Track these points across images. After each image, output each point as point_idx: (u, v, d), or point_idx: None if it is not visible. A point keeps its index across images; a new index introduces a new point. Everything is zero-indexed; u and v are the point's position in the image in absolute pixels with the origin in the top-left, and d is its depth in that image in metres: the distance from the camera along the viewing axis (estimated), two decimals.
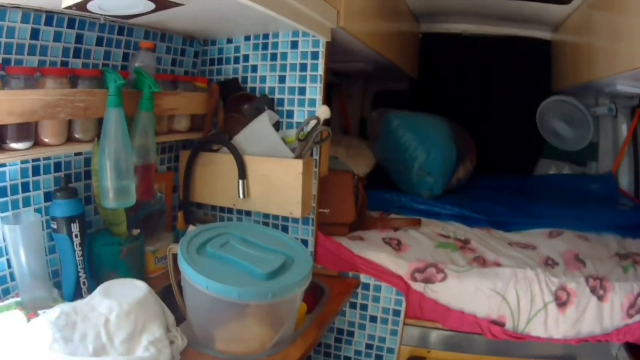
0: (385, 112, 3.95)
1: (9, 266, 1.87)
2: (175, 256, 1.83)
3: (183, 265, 1.67)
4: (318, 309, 2.14)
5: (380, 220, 3.13)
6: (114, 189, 1.89)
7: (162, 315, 1.69)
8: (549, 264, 2.63)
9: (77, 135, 1.89)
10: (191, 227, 2.20)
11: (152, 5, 1.81)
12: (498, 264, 2.58)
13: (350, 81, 4.84)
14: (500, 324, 2.40)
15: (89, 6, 1.74)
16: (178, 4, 1.82)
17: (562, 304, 2.36)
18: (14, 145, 1.67)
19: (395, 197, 3.64)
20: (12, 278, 1.87)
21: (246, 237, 1.84)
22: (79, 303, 1.57)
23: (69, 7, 1.70)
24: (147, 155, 2.10)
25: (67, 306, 1.53)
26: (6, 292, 1.88)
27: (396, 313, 2.52)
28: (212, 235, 1.84)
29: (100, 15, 1.96)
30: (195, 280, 1.62)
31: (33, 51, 1.86)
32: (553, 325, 2.37)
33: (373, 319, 2.59)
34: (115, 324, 1.52)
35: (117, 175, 1.88)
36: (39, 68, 1.79)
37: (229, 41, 2.63)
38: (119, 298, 1.59)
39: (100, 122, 1.90)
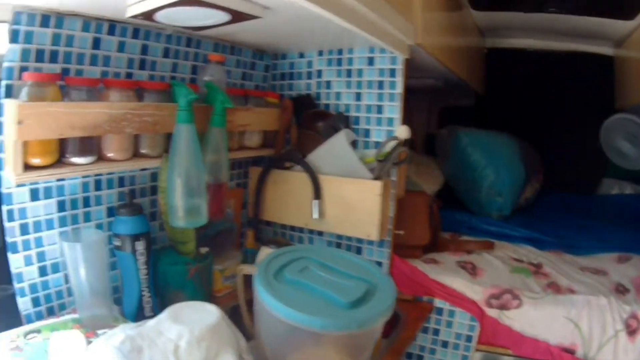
0: (455, 130, 3.82)
1: (67, 281, 1.77)
2: (245, 277, 1.78)
3: (261, 292, 1.50)
4: (394, 335, 2.03)
5: (453, 243, 2.97)
6: (184, 207, 1.74)
7: (235, 341, 1.51)
8: (619, 290, 2.47)
9: (143, 151, 1.76)
10: (265, 249, 2.03)
11: (227, 17, 1.67)
12: (572, 291, 2.45)
13: (416, 96, 4.65)
14: (571, 352, 2.26)
15: (157, 16, 1.64)
16: (255, 17, 1.67)
17: (632, 332, 2.20)
18: (75, 159, 1.55)
19: (466, 217, 3.52)
20: (70, 293, 1.77)
21: (325, 262, 1.68)
22: (144, 327, 1.41)
23: (135, 17, 1.61)
24: (219, 173, 1.95)
25: (131, 330, 1.37)
26: (62, 308, 1.78)
27: (468, 339, 2.38)
28: (290, 260, 1.68)
29: (168, 26, 1.85)
30: (275, 308, 1.45)
31: (95, 61, 1.75)
32: (622, 354, 2.21)
33: (444, 344, 2.45)
34: (186, 351, 1.35)
35: (188, 194, 1.73)
36: (102, 79, 1.68)
37: (301, 55, 2.48)
38: (190, 323, 1.42)
39: (168, 137, 1.76)
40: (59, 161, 1.53)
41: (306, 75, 2.47)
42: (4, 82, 1.53)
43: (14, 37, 1.52)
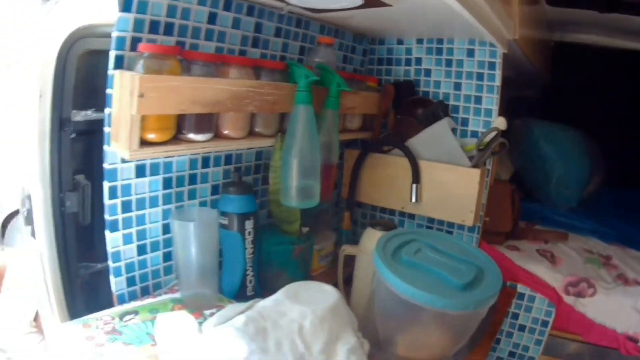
0: (528, 122, 3.74)
1: (164, 260, 1.68)
2: (346, 257, 1.79)
3: (383, 271, 1.43)
4: (487, 319, 1.86)
5: (531, 231, 2.93)
6: (298, 188, 1.64)
7: (352, 321, 1.44)
8: None
9: (258, 129, 1.63)
10: (371, 231, 1.88)
11: (360, 2, 1.55)
12: (639, 283, 2.45)
13: None
14: (634, 341, 2.27)
15: None
16: (386, 5, 1.57)
17: None
18: (192, 136, 1.41)
19: (538, 207, 3.45)
20: (166, 272, 1.70)
21: (436, 245, 1.59)
22: (262, 307, 1.33)
23: None
24: (330, 154, 1.85)
25: (251, 311, 1.29)
26: (156, 287, 1.68)
27: (544, 324, 2.37)
28: (404, 241, 1.60)
29: (286, 5, 1.73)
30: (398, 287, 1.38)
31: (210, 37, 1.61)
32: None
33: (521, 328, 2.43)
34: (310, 331, 1.28)
35: (302, 174, 1.63)
36: (223, 55, 1.56)
37: (399, 42, 2.35)
38: (311, 303, 1.36)
39: (281, 116, 1.68)
40: (175, 137, 1.39)
41: (404, 62, 2.35)
42: (113, 52, 1.37)
43: (126, 5, 1.37)
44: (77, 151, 1.83)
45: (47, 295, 1.84)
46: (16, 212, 2.26)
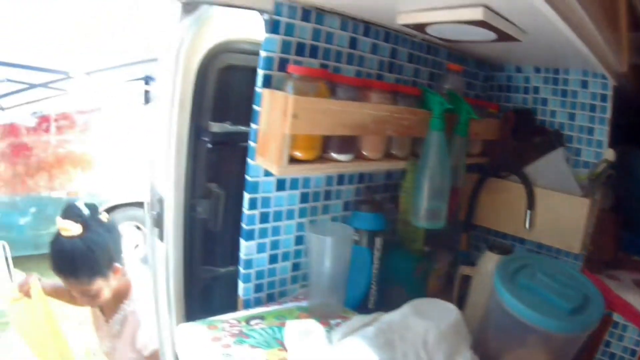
0: (633, 150, 3.55)
1: (293, 269, 1.76)
2: (464, 277, 1.86)
3: (502, 291, 1.48)
4: (583, 345, 1.88)
5: (630, 262, 2.81)
6: (427, 209, 1.69)
7: (468, 338, 1.49)
8: None
9: (393, 151, 1.68)
10: (489, 254, 1.92)
11: (493, 37, 1.58)
12: None
13: None
14: None
15: (429, 29, 1.59)
16: (515, 40, 1.58)
17: None
18: (336, 156, 1.48)
19: (634, 237, 3.20)
20: (293, 281, 1.77)
21: (548, 271, 1.61)
22: (389, 320, 1.40)
23: (405, 26, 1.56)
24: (457, 178, 1.89)
25: (379, 324, 1.36)
26: (282, 295, 1.75)
27: (633, 353, 2.27)
28: (520, 265, 1.64)
29: (418, 32, 1.76)
30: (513, 308, 1.43)
31: (351, 61, 1.68)
32: None
33: (612, 356, 2.32)
34: (433, 346, 1.33)
35: (432, 197, 1.68)
36: (367, 80, 1.64)
37: (518, 70, 2.37)
38: (435, 319, 1.41)
39: (413, 139, 1.72)
40: (321, 156, 1.46)
41: (523, 90, 2.37)
42: (261, 72, 1.45)
43: (274, 27, 1.44)
44: (212, 160, 1.92)
45: (167, 296, 1.93)
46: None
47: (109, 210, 8.02)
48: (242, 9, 1.48)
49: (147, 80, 4.72)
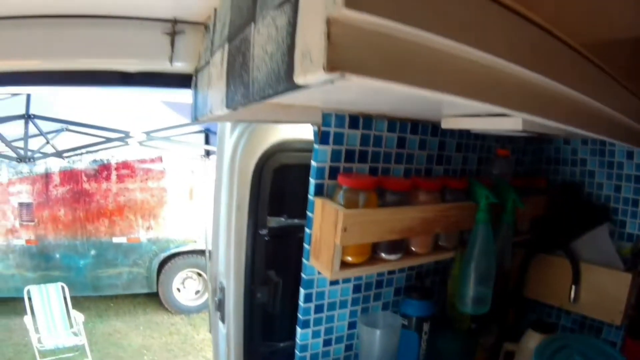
0: None
1: (345, 350, 1.80)
2: (508, 354, 1.89)
3: None
4: None
5: None
6: (473, 296, 1.72)
7: None
8: None
9: (441, 244, 1.73)
10: (532, 333, 1.97)
11: (535, 134, 1.58)
12: None
13: None
14: None
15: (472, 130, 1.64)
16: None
17: None
18: (385, 256, 1.53)
19: None
20: None
21: (586, 352, 1.70)
22: None
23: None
24: (503, 260, 1.91)
25: None
26: None
27: None
28: (559, 346, 1.72)
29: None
30: None
31: (399, 160, 1.73)
32: None
33: None
34: None
35: (478, 284, 1.71)
36: (414, 180, 1.63)
37: (566, 142, 2.37)
38: None
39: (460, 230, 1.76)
40: (371, 258, 1.50)
41: (570, 162, 2.36)
42: (313, 181, 1.51)
43: (324, 138, 1.50)
44: (270, 251, 2.00)
45: None
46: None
47: (171, 257, 8.35)
48: (292, 123, 1.55)
49: (207, 132, 4.84)
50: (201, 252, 7.89)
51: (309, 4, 0.70)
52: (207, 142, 5.07)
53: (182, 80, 1.66)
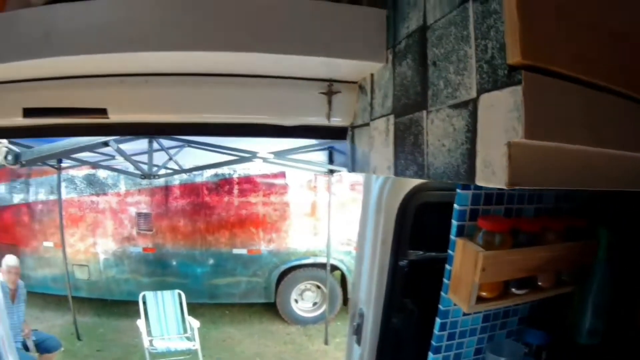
0: None
1: None
2: None
3: None
4: None
5: None
6: (588, 329, 1.81)
7: None
8: None
9: (563, 278, 1.82)
10: None
11: None
12: None
13: None
14: None
15: None
16: None
17: None
18: (516, 291, 1.67)
19: None
20: None
21: None
22: None
23: None
24: (618, 296, 1.90)
25: None
26: None
27: None
28: None
29: None
30: None
31: (531, 200, 1.82)
32: None
33: None
34: None
35: (594, 317, 1.80)
36: (544, 220, 1.75)
37: None
38: None
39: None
40: (502, 293, 1.66)
41: None
42: (455, 223, 1.67)
43: (467, 185, 1.63)
44: (408, 281, 2.16)
45: None
46: None
47: (291, 269, 8.56)
48: None
49: (331, 149, 4.97)
50: (321, 265, 8.04)
51: (489, 123, 0.88)
52: (330, 159, 5.16)
53: (337, 133, 1.83)
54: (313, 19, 1.43)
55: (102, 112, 1.72)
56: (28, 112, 1.77)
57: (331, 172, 5.85)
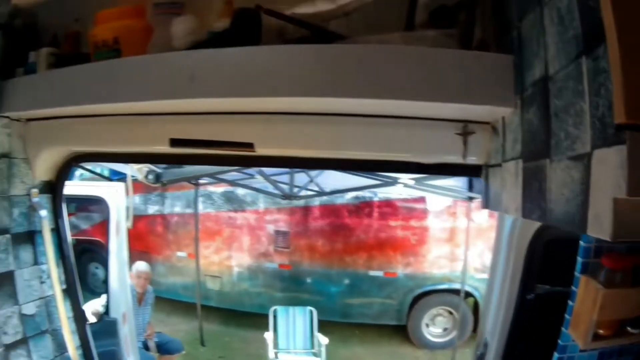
0: None
1: None
2: None
3: None
4: None
5: None
6: None
7: None
8: None
9: None
10: None
11: None
12: None
13: None
14: None
15: None
16: None
17: None
18: (631, 330, 1.69)
19: None
20: None
21: None
22: None
23: None
24: None
25: None
26: None
27: None
28: None
29: None
30: None
31: None
32: None
33: None
34: None
35: None
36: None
37: None
38: None
39: None
40: (618, 331, 1.70)
41: None
42: (580, 259, 1.73)
43: None
44: (533, 314, 2.23)
45: None
46: None
47: (425, 294, 8.55)
48: None
49: (471, 180, 5.01)
50: (455, 292, 7.83)
51: (600, 177, 0.97)
52: (470, 186, 5.17)
53: (472, 171, 1.90)
54: (448, 67, 1.52)
55: (249, 145, 1.87)
56: (175, 142, 1.96)
57: (470, 198, 5.85)
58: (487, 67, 1.51)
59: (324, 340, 7.29)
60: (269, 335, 7.43)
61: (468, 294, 7.90)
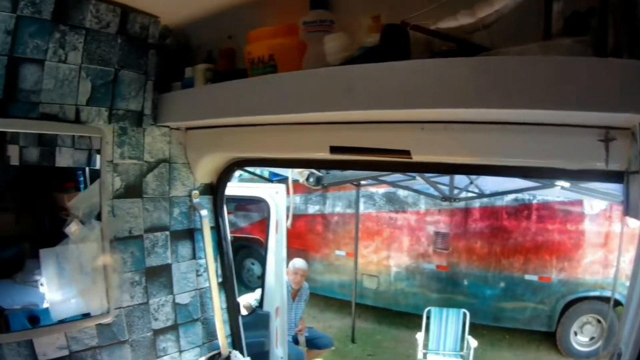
0: None
1: None
2: None
3: None
4: None
5: None
6: None
7: None
8: None
9: None
10: None
11: None
12: None
13: None
14: None
15: None
16: None
17: None
18: None
19: None
20: None
21: None
22: None
23: None
24: None
25: None
26: None
27: None
28: None
29: None
30: None
31: None
32: None
33: None
34: None
35: None
36: None
37: None
38: None
39: None
40: None
41: None
42: None
43: None
44: None
45: None
46: None
47: (577, 300, 8.48)
48: None
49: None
50: (606, 300, 7.87)
51: None
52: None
53: (613, 176, 1.89)
54: (588, 75, 1.52)
55: (406, 153, 1.96)
56: (334, 149, 2.11)
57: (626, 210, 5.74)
58: (626, 74, 1.50)
59: (473, 343, 7.41)
60: (420, 336, 7.64)
61: (618, 302, 7.74)
